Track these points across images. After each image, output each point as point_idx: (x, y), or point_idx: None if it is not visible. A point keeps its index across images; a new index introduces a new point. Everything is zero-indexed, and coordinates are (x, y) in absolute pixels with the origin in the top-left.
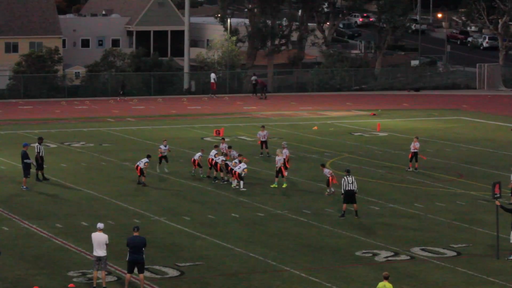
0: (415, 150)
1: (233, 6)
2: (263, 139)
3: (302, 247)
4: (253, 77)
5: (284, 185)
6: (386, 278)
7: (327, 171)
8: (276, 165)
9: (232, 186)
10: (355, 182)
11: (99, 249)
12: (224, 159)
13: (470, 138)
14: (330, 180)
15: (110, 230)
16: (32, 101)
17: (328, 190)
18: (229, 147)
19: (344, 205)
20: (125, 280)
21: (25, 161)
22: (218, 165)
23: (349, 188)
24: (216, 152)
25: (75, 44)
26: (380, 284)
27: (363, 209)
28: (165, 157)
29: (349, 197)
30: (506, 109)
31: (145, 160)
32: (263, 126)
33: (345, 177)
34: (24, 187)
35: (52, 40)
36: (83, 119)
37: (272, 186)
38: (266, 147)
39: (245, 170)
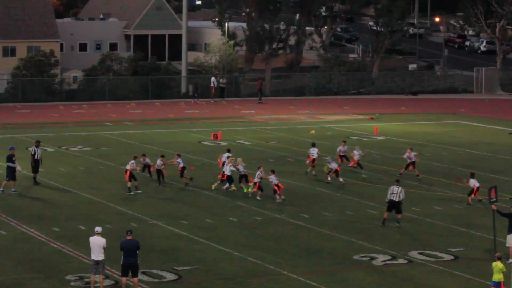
0: (411, 160)
1: (231, 10)
2: (342, 154)
3: (299, 251)
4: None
5: (250, 189)
6: (499, 258)
7: (273, 177)
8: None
9: (245, 190)
10: (401, 194)
11: (97, 253)
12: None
13: (468, 142)
14: (277, 188)
15: (108, 234)
16: (30, 105)
17: (278, 197)
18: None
19: (386, 213)
20: (121, 284)
21: (8, 164)
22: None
23: (391, 199)
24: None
25: (73, 48)
26: (493, 263)
27: (360, 213)
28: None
29: (391, 206)
30: (504, 113)
31: (131, 161)
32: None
33: (391, 187)
34: (13, 190)
35: (50, 44)
36: (80, 123)
37: (245, 190)
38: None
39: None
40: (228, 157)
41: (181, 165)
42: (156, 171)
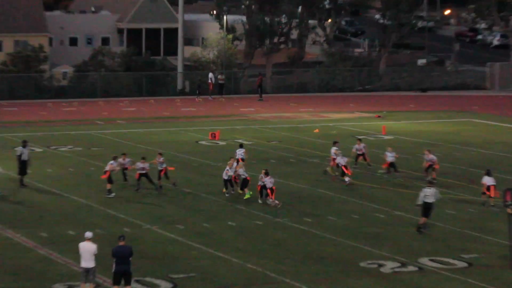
0: (431, 163)
1: (230, 3)
2: (360, 153)
3: (302, 257)
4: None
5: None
6: None
7: (267, 179)
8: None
9: (246, 197)
10: (437, 195)
11: (87, 260)
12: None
13: (481, 141)
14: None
15: (99, 240)
16: (17, 103)
17: (271, 201)
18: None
19: (423, 219)
20: None
21: None
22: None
23: (426, 201)
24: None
25: (63, 43)
26: None
27: (367, 217)
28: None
29: (425, 209)
30: None
31: (110, 162)
32: (359, 139)
33: (424, 189)
34: None
35: (38, 38)
36: (70, 121)
37: (246, 197)
38: (365, 159)
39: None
40: (231, 157)
41: (164, 165)
42: (142, 175)
